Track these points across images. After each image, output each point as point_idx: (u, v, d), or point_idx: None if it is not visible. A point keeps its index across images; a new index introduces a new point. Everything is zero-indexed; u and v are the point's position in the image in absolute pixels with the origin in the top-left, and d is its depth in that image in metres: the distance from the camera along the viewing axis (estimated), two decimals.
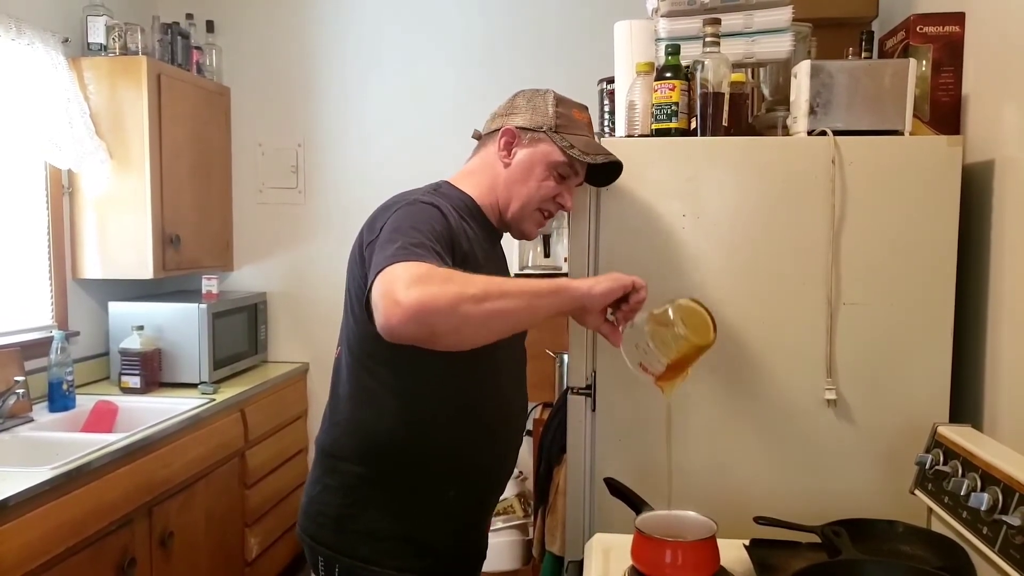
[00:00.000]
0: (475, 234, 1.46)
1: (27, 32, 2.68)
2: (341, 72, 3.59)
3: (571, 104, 1.54)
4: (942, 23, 1.75)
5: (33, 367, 2.71)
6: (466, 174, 1.57)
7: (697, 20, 1.75)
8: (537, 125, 1.50)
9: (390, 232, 1.30)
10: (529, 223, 1.55)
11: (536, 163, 1.50)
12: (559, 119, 1.50)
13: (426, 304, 1.14)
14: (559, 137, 1.49)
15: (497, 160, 1.52)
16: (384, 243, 1.28)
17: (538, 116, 1.51)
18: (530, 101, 1.53)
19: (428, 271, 1.18)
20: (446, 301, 1.15)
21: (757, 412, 1.70)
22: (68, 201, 3.03)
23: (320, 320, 3.62)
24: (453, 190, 1.52)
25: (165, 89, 3.05)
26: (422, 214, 1.35)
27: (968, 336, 1.70)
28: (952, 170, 1.62)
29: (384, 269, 1.21)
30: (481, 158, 1.57)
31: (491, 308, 1.20)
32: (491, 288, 1.21)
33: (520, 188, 1.51)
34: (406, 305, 1.14)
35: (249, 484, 3.08)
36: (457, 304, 1.16)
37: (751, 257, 1.68)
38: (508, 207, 1.53)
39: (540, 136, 1.50)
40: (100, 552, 2.19)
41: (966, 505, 1.34)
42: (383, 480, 1.44)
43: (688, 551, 1.30)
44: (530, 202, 1.52)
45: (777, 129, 1.85)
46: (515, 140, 1.51)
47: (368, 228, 1.40)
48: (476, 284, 1.21)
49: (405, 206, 1.38)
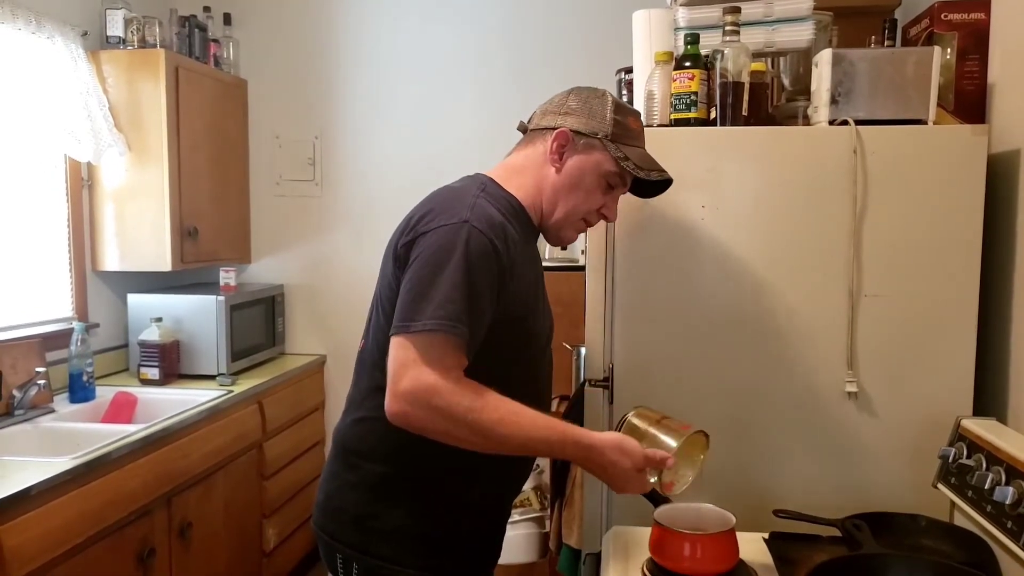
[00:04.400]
0: (517, 238, 1.39)
1: (47, 26, 2.69)
2: (358, 64, 3.59)
3: (628, 111, 1.45)
4: (967, 10, 1.73)
5: (54, 358, 2.73)
6: (512, 171, 1.47)
7: (716, 9, 1.74)
8: (592, 131, 1.41)
9: (434, 269, 1.27)
10: (570, 231, 1.49)
11: (588, 172, 1.42)
12: (616, 127, 1.41)
13: (418, 426, 1.26)
14: (615, 147, 1.40)
15: (546, 162, 1.44)
16: (423, 285, 1.26)
17: (595, 122, 1.42)
18: (587, 103, 1.44)
19: (434, 389, 1.23)
20: (436, 433, 1.27)
21: (777, 405, 1.68)
22: (87, 194, 3.05)
23: (337, 312, 3.63)
24: (499, 190, 1.43)
25: (183, 82, 3.06)
26: (471, 255, 1.28)
27: (992, 328, 1.67)
28: (977, 160, 1.59)
29: (410, 334, 1.25)
30: (528, 156, 1.47)
31: (493, 446, 1.29)
32: (499, 431, 1.26)
33: (568, 196, 1.44)
34: (401, 415, 1.26)
35: (267, 475, 3.10)
36: (445, 438, 1.27)
37: (771, 248, 1.67)
38: (552, 213, 1.46)
39: (595, 143, 1.41)
40: (120, 542, 2.20)
41: (990, 499, 1.32)
42: (407, 479, 1.41)
43: (707, 544, 1.29)
44: (576, 212, 1.45)
45: (797, 119, 1.83)
46: (568, 144, 1.42)
47: (409, 228, 1.35)
48: (486, 423, 1.25)
49: (456, 227, 1.30)
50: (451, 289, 1.25)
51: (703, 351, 1.70)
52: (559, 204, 1.45)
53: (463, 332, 1.25)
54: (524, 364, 1.45)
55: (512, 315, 1.36)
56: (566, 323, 2.52)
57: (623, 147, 1.41)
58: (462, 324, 1.25)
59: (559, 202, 1.45)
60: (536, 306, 1.46)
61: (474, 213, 1.32)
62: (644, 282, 1.71)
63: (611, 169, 1.42)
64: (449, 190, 1.43)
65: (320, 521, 1.49)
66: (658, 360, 1.71)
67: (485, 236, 1.30)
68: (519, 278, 1.36)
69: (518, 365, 1.43)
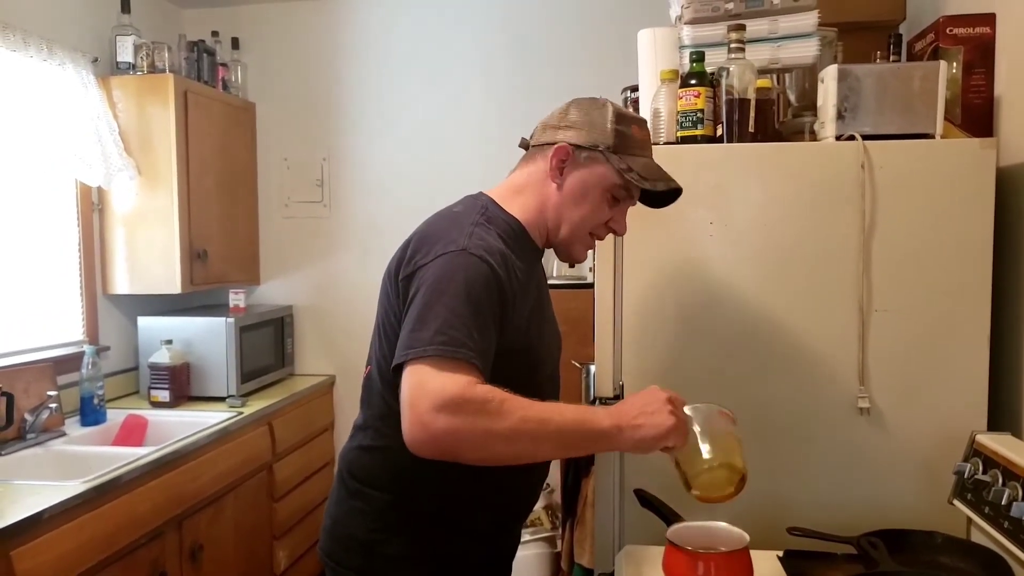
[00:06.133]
0: (521, 264, 1.36)
1: (58, 53, 2.73)
2: (365, 86, 3.62)
3: (630, 120, 1.39)
4: (972, 24, 1.73)
5: (65, 382, 2.75)
6: (513, 191, 1.44)
7: (721, 26, 1.74)
8: (593, 143, 1.36)
9: (433, 297, 1.23)
10: (579, 247, 1.44)
11: (591, 187, 1.37)
12: (617, 138, 1.36)
13: (453, 435, 1.14)
14: (617, 159, 1.35)
15: (547, 180, 1.39)
16: (423, 312, 1.22)
17: (595, 133, 1.36)
18: (587, 115, 1.38)
19: (461, 396, 1.14)
20: (474, 437, 1.15)
21: (789, 421, 1.67)
22: (98, 218, 3.08)
23: (346, 333, 3.64)
24: (500, 212, 1.40)
25: (192, 106, 3.09)
26: (471, 282, 1.24)
27: (1005, 341, 1.66)
28: (986, 173, 1.59)
29: (417, 361, 1.18)
30: (529, 174, 1.43)
31: (520, 449, 1.20)
32: (525, 426, 1.17)
33: (572, 213, 1.39)
34: (432, 432, 1.14)
35: (277, 497, 3.09)
36: (485, 441, 1.16)
37: (780, 264, 1.66)
38: (558, 231, 1.41)
39: (596, 156, 1.36)
40: (132, 565, 2.20)
41: (1007, 515, 1.30)
42: (413, 507, 1.38)
43: (721, 563, 1.28)
44: (582, 227, 1.40)
45: (804, 135, 1.83)
46: (568, 159, 1.37)
47: (407, 260, 1.32)
48: (509, 418, 1.16)
49: (453, 256, 1.26)
50: (450, 315, 1.20)
51: (713, 368, 1.69)
52: (563, 222, 1.40)
53: (468, 355, 1.19)
54: (528, 390, 1.35)
55: (513, 347, 1.31)
56: (574, 341, 2.52)
57: (626, 158, 1.36)
58: (466, 348, 1.19)
59: (563, 220, 1.40)
60: (539, 335, 1.42)
61: (472, 241, 1.29)
62: (653, 299, 1.71)
63: (615, 182, 1.37)
64: (448, 215, 1.40)
65: (327, 547, 1.47)
66: (668, 377, 1.71)
67: (484, 262, 1.26)
68: (519, 310, 1.32)
69: (522, 391, 1.33)
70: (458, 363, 1.18)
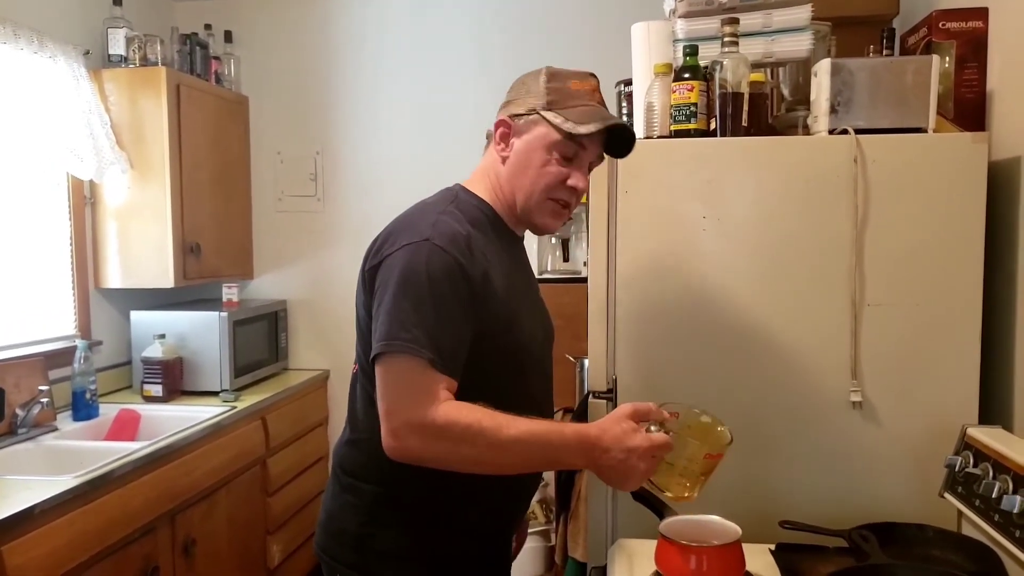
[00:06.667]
0: (495, 246, 1.38)
1: (49, 46, 2.71)
2: (358, 80, 3.61)
3: (568, 75, 1.39)
4: (965, 19, 1.73)
5: (57, 376, 2.73)
6: (480, 175, 1.47)
7: (715, 20, 1.74)
8: (530, 108, 1.37)
9: (398, 290, 1.25)
10: (542, 215, 1.42)
11: (533, 149, 1.37)
12: (552, 94, 1.36)
13: (419, 456, 1.24)
14: (552, 115, 1.34)
15: (497, 156, 1.42)
16: (390, 307, 1.25)
17: (531, 98, 1.37)
18: (524, 84, 1.41)
19: (428, 423, 1.20)
20: (441, 460, 1.24)
21: (782, 415, 1.68)
22: (90, 211, 3.06)
23: (340, 327, 3.63)
24: (470, 198, 1.43)
25: (184, 99, 3.08)
26: (434, 274, 1.26)
27: (996, 336, 1.67)
28: (978, 167, 1.59)
29: (385, 358, 1.23)
30: (489, 155, 1.46)
31: (487, 470, 1.28)
32: (495, 452, 1.23)
33: (521, 179, 1.39)
34: (402, 449, 1.23)
35: (271, 492, 3.09)
36: (451, 463, 1.25)
37: (773, 258, 1.66)
38: (516, 202, 1.42)
39: (533, 118, 1.36)
40: (124, 560, 2.20)
41: (998, 508, 1.31)
42: (404, 501, 1.38)
43: (713, 556, 1.28)
44: (534, 192, 1.39)
45: (798, 129, 1.83)
46: (511, 130, 1.39)
47: (374, 253, 1.34)
48: (481, 441, 1.20)
49: (417, 247, 1.28)
50: (413, 312, 1.23)
51: (706, 362, 1.70)
52: (516, 190, 1.40)
53: (432, 357, 1.22)
54: (514, 378, 1.40)
55: (491, 330, 1.32)
56: (569, 335, 2.52)
57: (562, 111, 1.35)
58: (430, 347, 1.22)
59: (516, 188, 1.40)
60: (519, 316, 1.41)
61: (436, 230, 1.30)
62: (646, 293, 1.71)
63: (555, 138, 1.35)
64: (419, 206, 1.42)
65: (322, 541, 1.47)
66: (661, 371, 1.71)
67: (448, 253, 1.27)
68: (492, 291, 1.33)
69: (508, 380, 1.38)
70: (420, 366, 1.22)
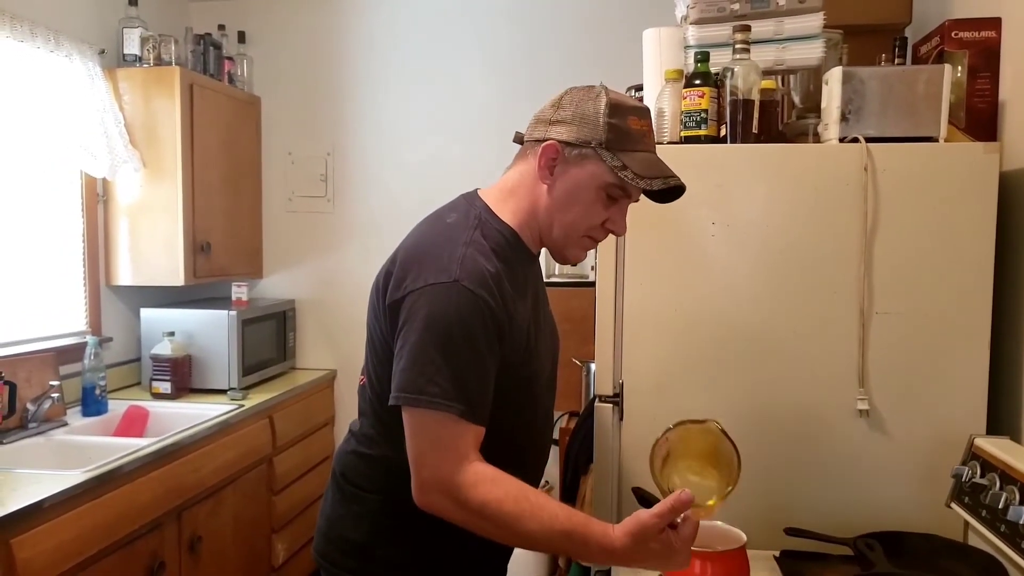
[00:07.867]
0: (518, 275, 1.33)
1: (65, 44, 2.73)
2: (370, 81, 3.62)
3: (627, 111, 1.27)
4: (978, 28, 1.73)
5: (67, 372, 2.75)
6: (506, 193, 1.36)
7: (727, 27, 1.74)
8: (584, 140, 1.25)
9: (426, 336, 1.20)
10: (575, 249, 1.35)
11: (583, 187, 1.28)
12: (611, 132, 1.24)
13: (446, 515, 1.23)
14: (611, 156, 1.24)
15: (538, 180, 1.31)
16: (417, 353, 1.20)
17: (586, 128, 1.25)
18: (578, 107, 1.27)
19: (457, 490, 1.19)
20: (465, 524, 1.22)
21: (788, 422, 1.67)
22: (102, 209, 3.08)
23: (348, 328, 3.64)
24: (494, 221, 1.33)
25: (197, 99, 3.10)
26: (465, 321, 1.21)
27: (1005, 346, 1.66)
28: (989, 177, 1.59)
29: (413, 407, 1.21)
30: (521, 174, 1.34)
31: (514, 542, 1.28)
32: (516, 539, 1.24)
33: (564, 215, 1.30)
34: (429, 504, 1.23)
35: (276, 490, 3.10)
36: (481, 531, 1.23)
37: (782, 265, 1.66)
38: (550, 233, 1.33)
39: (587, 153, 1.26)
40: (130, 555, 2.21)
41: (1004, 519, 1.31)
42: (407, 512, 1.33)
43: (717, 562, 1.28)
44: (575, 230, 1.32)
45: (808, 136, 1.83)
46: (558, 158, 1.28)
47: (396, 283, 1.28)
48: (503, 525, 1.19)
49: (445, 288, 1.21)
50: (442, 360, 1.19)
51: (713, 368, 1.70)
52: (555, 224, 1.32)
53: (462, 409, 1.19)
54: (525, 403, 1.38)
55: (511, 362, 1.29)
56: (576, 339, 2.53)
57: (621, 154, 1.25)
58: (459, 399, 1.19)
59: (555, 222, 1.32)
60: (538, 345, 1.38)
61: (464, 270, 1.23)
62: (654, 299, 1.71)
63: (609, 181, 1.26)
64: (439, 227, 1.34)
65: (322, 548, 1.46)
66: (668, 377, 1.71)
67: (477, 296, 1.22)
68: (515, 330, 1.29)
69: (521, 400, 1.36)
70: (453, 421, 1.20)
